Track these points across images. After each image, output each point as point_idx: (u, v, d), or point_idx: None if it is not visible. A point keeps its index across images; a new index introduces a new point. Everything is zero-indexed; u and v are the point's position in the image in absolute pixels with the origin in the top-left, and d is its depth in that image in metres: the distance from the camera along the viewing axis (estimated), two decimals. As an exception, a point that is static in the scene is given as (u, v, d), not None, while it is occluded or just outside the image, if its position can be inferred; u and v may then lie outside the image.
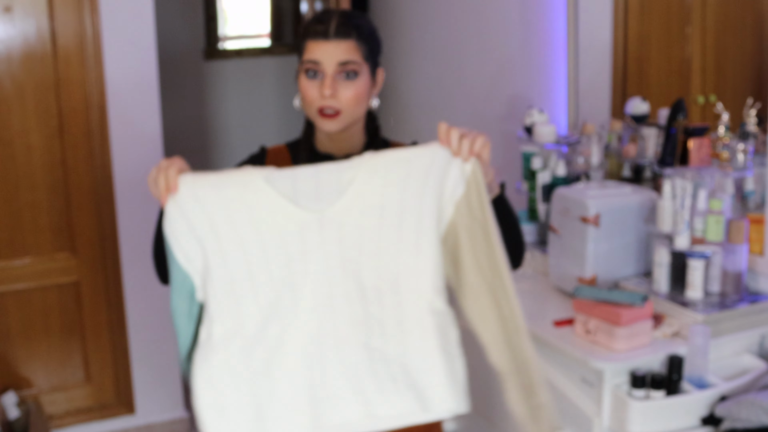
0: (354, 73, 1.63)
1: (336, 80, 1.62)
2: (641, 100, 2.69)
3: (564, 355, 2.14)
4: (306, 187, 1.47)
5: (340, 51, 1.62)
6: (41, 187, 3.21)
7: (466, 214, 1.49)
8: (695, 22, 2.67)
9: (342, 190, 1.48)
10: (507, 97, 3.33)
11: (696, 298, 2.18)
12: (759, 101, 2.36)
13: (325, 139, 1.72)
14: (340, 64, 1.62)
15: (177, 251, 1.47)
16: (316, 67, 1.62)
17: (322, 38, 1.62)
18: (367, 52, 1.65)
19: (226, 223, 1.46)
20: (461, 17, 3.61)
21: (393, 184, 1.48)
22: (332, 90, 1.61)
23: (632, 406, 1.96)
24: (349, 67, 1.62)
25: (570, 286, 2.39)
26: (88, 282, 3.33)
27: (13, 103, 3.13)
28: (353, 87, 1.63)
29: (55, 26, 3.12)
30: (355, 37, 1.63)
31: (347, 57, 1.62)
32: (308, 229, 1.47)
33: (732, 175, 2.25)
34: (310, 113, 1.67)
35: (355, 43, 1.63)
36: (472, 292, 1.52)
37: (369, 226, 1.48)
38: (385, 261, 1.48)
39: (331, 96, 1.62)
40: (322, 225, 1.47)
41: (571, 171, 2.71)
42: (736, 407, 1.89)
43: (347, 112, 1.64)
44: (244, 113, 5.18)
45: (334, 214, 1.47)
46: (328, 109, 1.63)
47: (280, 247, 1.47)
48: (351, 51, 1.62)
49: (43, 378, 3.34)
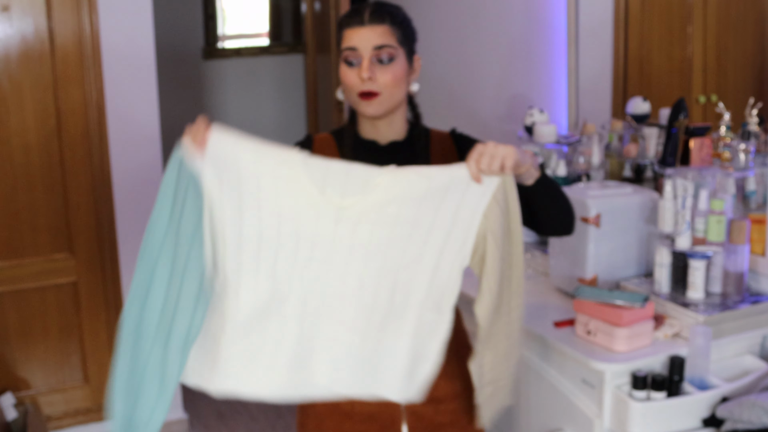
0: (390, 57, 1.70)
1: (373, 64, 1.69)
2: (642, 99, 2.68)
3: (564, 356, 2.13)
4: (335, 179, 1.57)
5: (375, 35, 1.69)
6: (39, 188, 3.20)
7: (493, 223, 1.57)
8: (696, 21, 2.66)
9: (366, 192, 1.57)
10: (507, 96, 3.33)
11: (697, 299, 2.17)
12: (760, 101, 2.36)
13: (369, 126, 1.80)
14: (376, 48, 1.69)
15: (205, 208, 1.56)
16: (354, 54, 1.70)
17: (358, 25, 1.70)
18: (401, 36, 1.72)
19: (253, 190, 1.57)
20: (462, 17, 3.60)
21: (411, 199, 1.57)
22: (370, 72, 1.69)
23: (633, 407, 1.95)
24: (385, 51, 1.69)
25: (570, 286, 2.38)
26: (86, 282, 3.32)
27: (11, 102, 3.12)
28: (390, 70, 1.70)
29: (53, 25, 3.11)
30: (389, 22, 1.71)
31: (382, 41, 1.69)
32: (325, 219, 1.58)
33: (733, 175, 2.24)
34: (352, 100, 1.75)
35: (389, 28, 1.70)
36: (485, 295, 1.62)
37: (380, 233, 1.58)
38: (387, 267, 1.59)
39: (369, 78, 1.69)
40: (338, 219, 1.58)
41: (571, 171, 2.70)
42: (738, 408, 1.88)
43: (386, 93, 1.71)
44: (242, 112, 5.17)
45: (352, 213, 1.57)
46: (367, 91, 1.70)
47: (294, 228, 1.58)
48: (385, 35, 1.70)
49: (41, 379, 3.33)
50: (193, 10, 5.00)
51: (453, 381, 1.85)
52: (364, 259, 1.59)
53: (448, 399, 1.85)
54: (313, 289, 1.60)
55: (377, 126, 1.79)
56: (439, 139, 1.84)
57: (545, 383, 2.20)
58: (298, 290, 1.60)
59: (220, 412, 3.74)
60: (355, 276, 1.59)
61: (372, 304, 1.60)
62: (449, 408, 1.86)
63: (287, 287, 1.59)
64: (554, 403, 2.18)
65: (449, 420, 1.86)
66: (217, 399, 3.82)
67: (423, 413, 1.83)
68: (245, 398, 1.63)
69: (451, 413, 1.86)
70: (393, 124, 1.79)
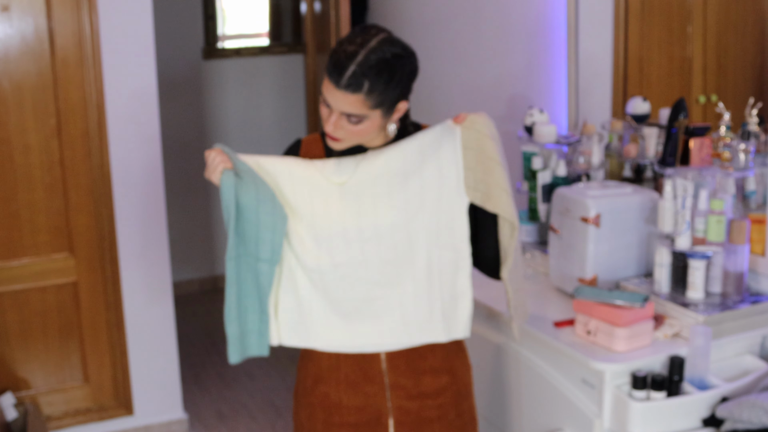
0: (358, 120, 1.73)
1: (341, 119, 1.73)
2: (642, 99, 2.68)
3: (564, 356, 2.13)
4: (330, 166, 1.80)
5: (346, 103, 1.70)
6: (39, 187, 3.20)
7: (475, 149, 1.79)
8: (696, 21, 2.66)
9: (357, 169, 1.79)
10: (507, 96, 3.32)
11: (697, 299, 2.17)
12: (760, 101, 2.35)
13: None
14: (345, 114, 1.72)
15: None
16: (326, 103, 1.74)
17: (334, 84, 1.69)
18: (377, 101, 1.71)
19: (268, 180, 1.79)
20: (461, 17, 3.60)
21: (395, 153, 1.79)
22: (334, 128, 1.74)
23: (633, 407, 1.95)
24: (353, 118, 1.72)
25: (570, 286, 2.38)
26: (86, 282, 3.31)
27: (11, 102, 3.11)
28: (356, 129, 1.74)
29: (53, 25, 3.11)
30: (366, 91, 1.69)
31: (351, 110, 1.71)
32: (332, 198, 1.78)
33: (733, 175, 2.24)
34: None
35: (364, 97, 1.69)
36: None
37: (380, 191, 1.78)
38: (397, 222, 1.78)
39: (333, 131, 1.75)
40: (342, 195, 1.79)
41: (571, 171, 2.70)
42: (738, 408, 1.88)
43: (349, 141, 1.78)
44: (242, 112, 5.17)
45: (351, 186, 1.79)
46: (331, 135, 1.76)
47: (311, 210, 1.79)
48: (357, 104, 1.70)
49: (41, 379, 3.33)
50: (192, 10, 4.99)
51: (440, 376, 1.88)
52: (374, 220, 1.77)
53: (434, 394, 1.88)
54: (340, 261, 1.78)
55: None
56: None
57: (545, 383, 2.20)
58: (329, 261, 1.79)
59: (221, 411, 3.73)
60: (372, 239, 1.77)
61: (394, 259, 1.79)
62: (436, 403, 1.89)
63: (323, 257, 1.79)
64: (554, 403, 2.18)
65: (436, 415, 1.89)
66: (217, 398, 3.82)
67: (409, 408, 1.87)
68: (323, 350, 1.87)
69: (438, 408, 1.90)
70: (374, 141, 1.84)
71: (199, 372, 4.12)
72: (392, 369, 1.86)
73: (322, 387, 1.89)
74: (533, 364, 2.24)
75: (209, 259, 5.25)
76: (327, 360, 1.88)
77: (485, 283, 2.09)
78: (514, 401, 2.35)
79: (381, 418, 1.88)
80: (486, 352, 2.42)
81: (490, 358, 2.41)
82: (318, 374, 1.90)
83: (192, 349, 4.36)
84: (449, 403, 1.91)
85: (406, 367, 1.87)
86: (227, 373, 4.09)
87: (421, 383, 1.87)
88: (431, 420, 1.89)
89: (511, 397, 2.36)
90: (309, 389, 1.92)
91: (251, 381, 4.01)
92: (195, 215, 5.15)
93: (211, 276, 5.28)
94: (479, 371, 2.26)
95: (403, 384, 1.87)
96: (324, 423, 1.90)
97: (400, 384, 1.87)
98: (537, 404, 2.25)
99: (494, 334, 2.41)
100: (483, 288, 2.51)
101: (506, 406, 2.39)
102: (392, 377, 1.86)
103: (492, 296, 2.41)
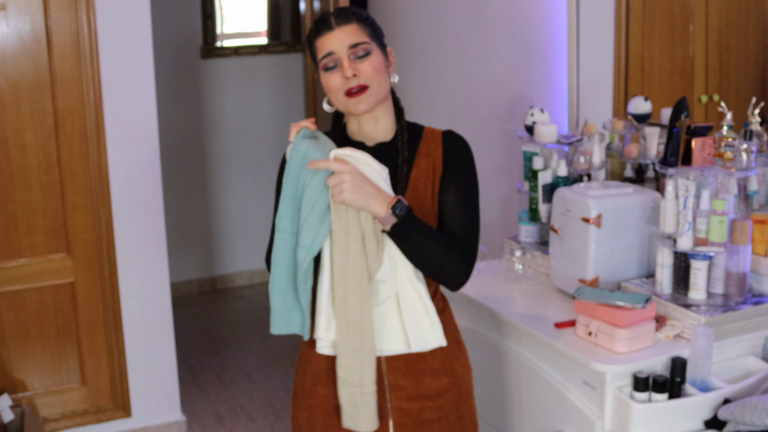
0: (366, 51, 1.76)
1: (352, 62, 1.75)
2: (643, 99, 2.67)
3: (565, 358, 2.12)
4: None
5: (346, 35, 1.75)
6: (36, 187, 3.18)
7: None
8: (698, 19, 2.65)
9: None
10: (508, 96, 3.31)
11: (699, 300, 2.16)
12: (763, 100, 2.35)
13: (355, 128, 1.85)
14: (351, 47, 1.75)
15: None
16: (332, 59, 1.76)
17: (327, 31, 1.76)
18: (371, 32, 1.79)
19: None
20: (462, 16, 3.59)
21: None
22: (352, 70, 1.75)
23: (634, 408, 1.94)
24: (360, 47, 1.76)
25: (571, 287, 2.37)
26: (83, 283, 3.30)
27: (8, 101, 3.10)
28: (369, 62, 1.76)
29: (50, 24, 3.09)
30: (356, 21, 1.77)
31: (355, 39, 1.76)
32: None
33: (735, 175, 2.23)
34: (339, 103, 1.80)
35: (358, 26, 1.77)
36: None
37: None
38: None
39: (354, 75, 1.75)
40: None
41: (572, 171, 2.69)
42: (740, 410, 1.88)
43: (373, 85, 1.77)
44: (241, 111, 5.16)
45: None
46: (355, 88, 1.75)
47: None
48: (356, 33, 1.76)
49: (38, 380, 3.31)
50: (191, 9, 4.98)
51: (440, 377, 1.88)
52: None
53: (434, 395, 1.88)
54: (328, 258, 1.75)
55: (363, 127, 1.84)
56: (430, 138, 1.87)
57: (546, 384, 2.19)
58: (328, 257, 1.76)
59: (219, 413, 3.72)
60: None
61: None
62: (436, 404, 1.89)
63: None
64: (555, 405, 2.17)
65: (436, 417, 1.88)
66: (216, 400, 3.80)
67: (409, 409, 1.87)
68: None
69: (438, 410, 1.89)
70: (378, 122, 1.84)
71: (197, 374, 4.10)
72: (392, 370, 1.85)
73: (321, 389, 1.88)
74: (534, 365, 2.23)
75: (207, 260, 5.24)
76: (326, 362, 1.87)
77: (485, 283, 2.07)
78: (514, 403, 2.34)
79: (381, 420, 1.86)
80: (486, 354, 2.41)
81: (490, 359, 2.40)
82: (317, 376, 1.89)
83: (190, 351, 4.35)
84: (449, 404, 1.89)
85: (406, 368, 1.85)
86: (225, 375, 4.08)
87: (421, 385, 1.86)
88: (431, 422, 1.88)
89: (512, 399, 2.35)
90: (308, 391, 1.90)
91: (250, 383, 4.00)
92: (193, 216, 5.14)
93: (209, 277, 5.26)
94: (480, 373, 2.24)
95: (403, 385, 1.86)
96: (323, 425, 1.89)
97: (400, 385, 1.86)
98: (538, 406, 2.24)
99: (495, 335, 2.39)
100: (483, 288, 2.50)
101: (507, 408, 2.38)
102: (392, 378, 1.85)
103: (492, 296, 2.40)
